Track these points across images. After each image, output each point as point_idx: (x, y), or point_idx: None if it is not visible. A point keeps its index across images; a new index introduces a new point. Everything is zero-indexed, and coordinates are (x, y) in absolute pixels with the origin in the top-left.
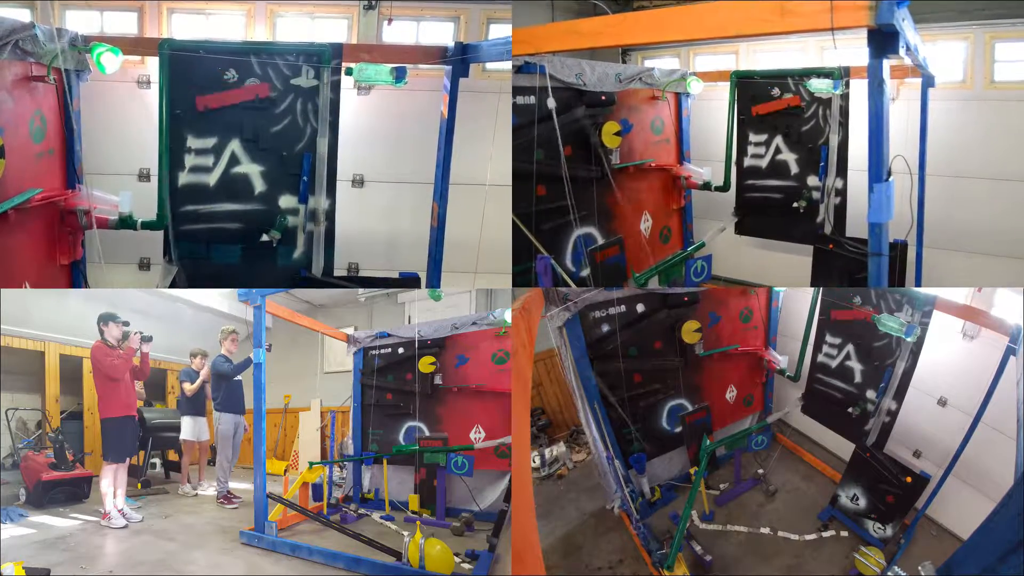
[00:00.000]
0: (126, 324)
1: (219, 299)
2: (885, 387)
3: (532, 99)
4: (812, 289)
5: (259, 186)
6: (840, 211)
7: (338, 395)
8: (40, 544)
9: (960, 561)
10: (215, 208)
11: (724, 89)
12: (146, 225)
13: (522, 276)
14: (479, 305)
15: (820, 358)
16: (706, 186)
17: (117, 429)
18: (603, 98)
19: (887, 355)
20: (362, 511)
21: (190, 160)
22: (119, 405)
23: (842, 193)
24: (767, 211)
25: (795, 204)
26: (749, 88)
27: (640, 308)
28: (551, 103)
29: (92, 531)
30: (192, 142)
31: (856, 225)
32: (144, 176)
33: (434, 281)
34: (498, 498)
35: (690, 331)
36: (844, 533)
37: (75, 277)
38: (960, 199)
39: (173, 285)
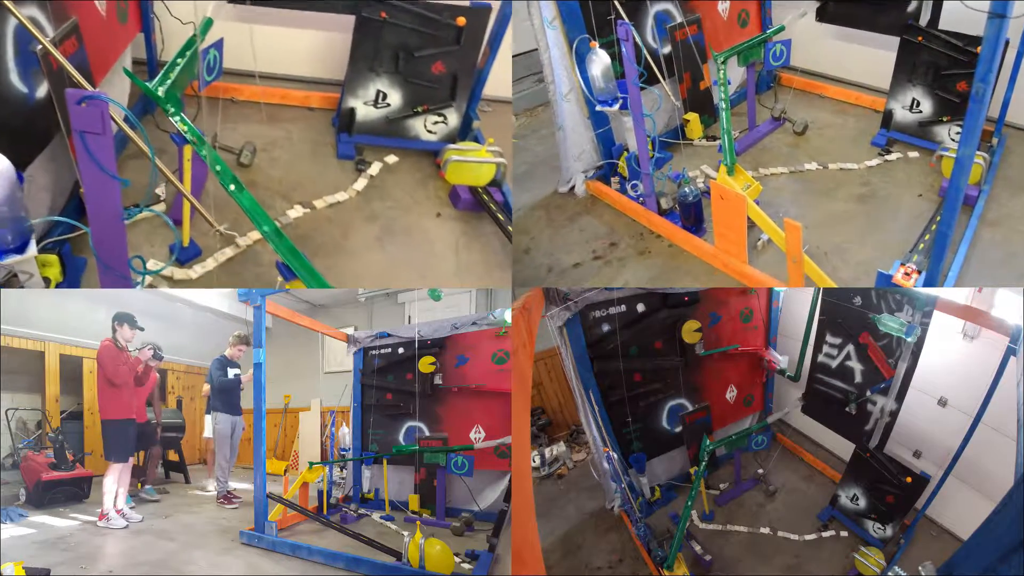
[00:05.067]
0: (141, 329)
1: (219, 299)
2: (886, 387)
3: None
4: (812, 289)
5: None
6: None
7: (338, 395)
8: (40, 544)
9: (960, 561)
10: None
11: None
12: None
13: (607, 47)
14: (479, 305)
15: (820, 358)
16: None
17: (116, 431)
18: None
19: (888, 355)
20: (362, 511)
21: None
22: (120, 408)
23: None
24: None
25: None
26: None
27: (640, 308)
28: None
29: (92, 531)
30: None
31: (949, 19)
32: None
33: None
34: (498, 498)
35: (690, 331)
36: (844, 533)
37: None
38: None
39: None
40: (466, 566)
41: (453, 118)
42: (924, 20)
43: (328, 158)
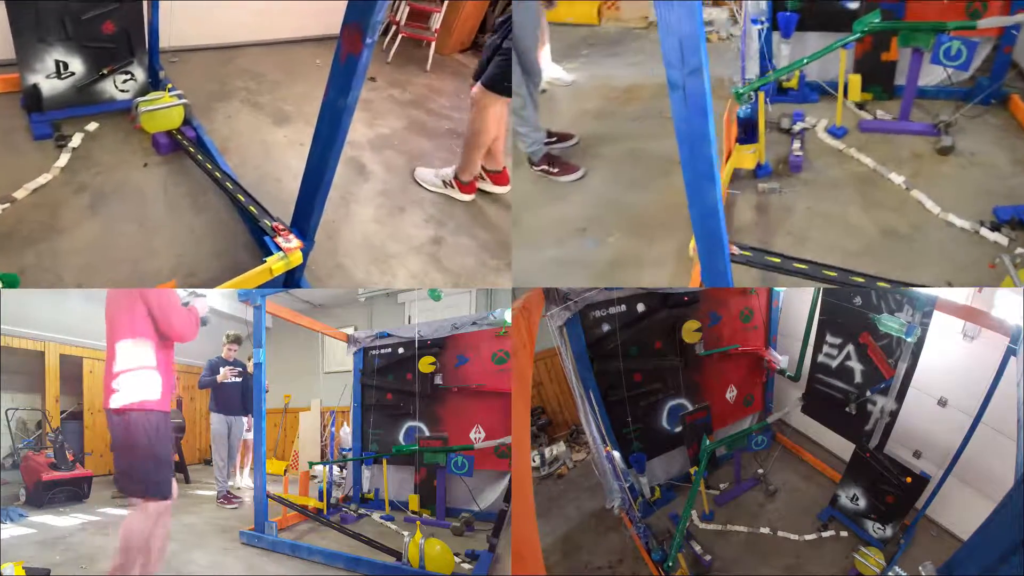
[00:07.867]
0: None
1: (219, 299)
2: (886, 387)
3: None
4: (812, 289)
5: None
6: None
7: (338, 395)
8: (40, 544)
9: (960, 561)
10: None
11: None
12: None
13: None
14: (479, 305)
15: (820, 358)
16: None
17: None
18: None
19: (888, 355)
20: (362, 511)
21: None
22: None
23: None
24: None
25: None
26: None
27: (640, 308)
28: None
29: (92, 531)
30: None
31: None
32: None
33: None
34: (498, 498)
35: (690, 331)
36: (844, 533)
37: None
38: None
39: None
40: (466, 566)
41: (140, 73)
42: None
43: (24, 143)
